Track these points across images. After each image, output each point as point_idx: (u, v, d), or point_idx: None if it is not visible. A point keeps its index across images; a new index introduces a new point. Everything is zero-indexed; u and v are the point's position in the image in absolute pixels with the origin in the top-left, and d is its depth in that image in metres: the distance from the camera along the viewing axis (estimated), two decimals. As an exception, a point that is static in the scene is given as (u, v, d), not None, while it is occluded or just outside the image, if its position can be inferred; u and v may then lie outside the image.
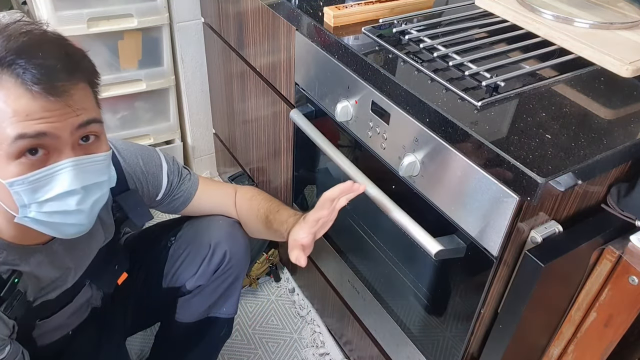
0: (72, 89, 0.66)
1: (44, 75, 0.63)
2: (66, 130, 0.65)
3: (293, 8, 1.05)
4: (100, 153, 0.71)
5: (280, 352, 1.42)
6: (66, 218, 0.70)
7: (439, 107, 0.76)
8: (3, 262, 0.75)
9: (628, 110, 0.80)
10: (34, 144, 0.64)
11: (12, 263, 0.76)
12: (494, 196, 0.72)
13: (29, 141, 0.64)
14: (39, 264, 0.79)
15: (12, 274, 0.76)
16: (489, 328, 0.87)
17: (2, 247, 0.75)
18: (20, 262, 0.77)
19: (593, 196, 0.80)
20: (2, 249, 0.75)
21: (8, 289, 0.75)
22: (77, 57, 0.68)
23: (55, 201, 0.68)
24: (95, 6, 1.42)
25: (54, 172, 0.66)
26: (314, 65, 1.05)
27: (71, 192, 0.68)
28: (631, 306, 0.75)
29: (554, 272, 0.74)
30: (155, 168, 0.97)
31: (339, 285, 1.29)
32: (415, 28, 0.95)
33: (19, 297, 0.77)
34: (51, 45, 0.66)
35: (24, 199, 0.67)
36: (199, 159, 1.92)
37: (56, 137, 0.65)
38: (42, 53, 0.64)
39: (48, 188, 0.67)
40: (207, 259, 1.03)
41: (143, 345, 1.39)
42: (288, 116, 1.16)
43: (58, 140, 0.65)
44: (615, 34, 0.90)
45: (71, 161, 0.67)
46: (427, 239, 0.82)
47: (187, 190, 1.02)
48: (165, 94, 1.69)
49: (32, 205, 0.68)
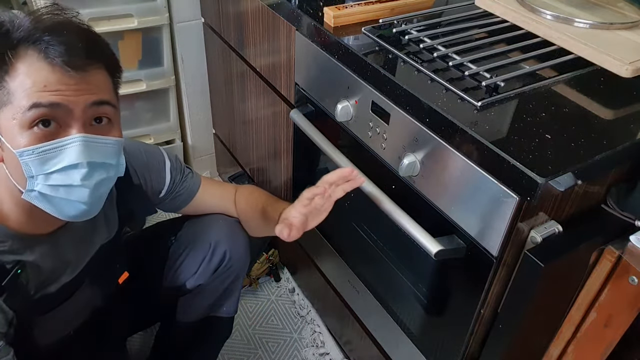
0: (91, 69, 0.69)
1: (66, 50, 0.66)
2: (79, 105, 0.68)
3: (293, 8, 1.06)
4: (111, 137, 0.73)
5: (280, 352, 1.42)
6: (70, 193, 0.71)
7: (439, 107, 0.76)
8: (8, 250, 0.75)
9: (628, 110, 0.80)
10: (46, 114, 0.67)
11: (17, 252, 0.76)
12: (494, 196, 0.72)
13: (42, 110, 0.66)
14: (42, 254, 0.80)
15: (16, 264, 0.76)
16: (489, 328, 0.87)
17: (7, 236, 0.75)
18: (24, 251, 0.77)
19: (593, 196, 0.80)
20: (7, 238, 0.75)
21: (10, 278, 0.75)
22: (99, 42, 0.73)
23: (61, 174, 0.69)
24: (95, 6, 1.42)
25: (63, 145, 0.68)
26: (314, 65, 1.05)
27: (77, 166, 0.69)
28: (631, 306, 0.75)
29: (554, 272, 0.74)
30: (159, 164, 0.97)
31: (339, 285, 1.29)
32: (415, 28, 0.95)
33: (20, 288, 0.77)
34: (76, 28, 0.71)
35: (32, 169, 0.68)
36: (199, 159, 1.92)
37: (69, 111, 0.68)
38: (66, 32, 0.68)
39: (56, 161, 0.69)
40: (208, 258, 1.03)
41: (143, 345, 1.39)
42: (288, 116, 1.16)
43: (70, 114, 0.68)
44: (615, 34, 0.90)
45: (81, 136, 0.69)
46: (427, 239, 0.82)
47: (189, 188, 1.02)
48: (165, 94, 1.69)
49: (39, 177, 0.69)
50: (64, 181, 0.70)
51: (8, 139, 0.68)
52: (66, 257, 0.85)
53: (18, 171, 0.70)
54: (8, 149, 0.69)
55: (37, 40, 0.66)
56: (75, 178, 0.70)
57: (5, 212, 0.76)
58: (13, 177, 0.72)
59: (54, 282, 0.84)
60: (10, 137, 0.68)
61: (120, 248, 0.99)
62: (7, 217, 0.76)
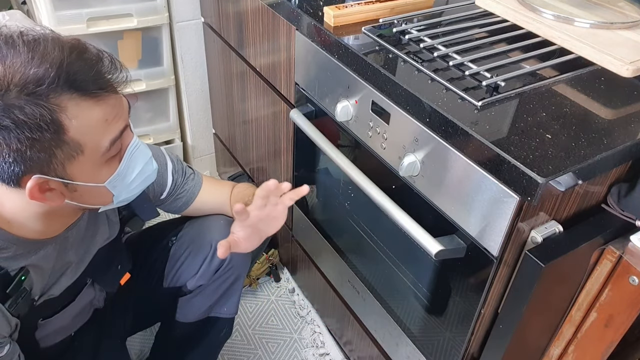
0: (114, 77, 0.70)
1: (97, 77, 0.66)
2: (127, 116, 0.73)
3: (293, 8, 1.05)
4: None
5: (280, 352, 1.42)
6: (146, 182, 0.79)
7: (439, 107, 0.76)
8: (12, 256, 0.75)
9: (628, 110, 0.80)
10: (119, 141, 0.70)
11: (20, 257, 0.76)
12: (494, 196, 0.72)
13: (118, 142, 0.70)
14: (45, 256, 0.80)
15: (20, 271, 0.76)
16: (489, 328, 0.87)
17: (11, 242, 0.74)
18: (28, 255, 0.77)
19: (593, 196, 0.80)
20: (11, 244, 0.74)
21: (14, 286, 0.75)
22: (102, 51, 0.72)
23: (140, 174, 0.76)
24: (95, 6, 1.42)
25: (132, 153, 0.74)
26: (314, 65, 1.05)
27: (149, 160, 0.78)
28: (631, 306, 0.74)
29: (555, 272, 0.74)
30: (161, 166, 0.97)
31: (339, 285, 1.29)
32: (416, 28, 0.95)
33: (24, 294, 0.77)
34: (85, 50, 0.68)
35: (120, 188, 0.74)
36: (199, 159, 1.92)
37: (127, 126, 0.72)
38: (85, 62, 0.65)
39: (133, 167, 0.75)
40: (208, 258, 1.03)
41: (143, 345, 1.39)
42: (288, 116, 1.16)
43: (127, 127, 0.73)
44: (616, 33, 0.90)
45: (136, 138, 0.75)
46: (427, 239, 0.82)
47: (190, 190, 1.02)
48: (165, 94, 1.69)
49: (125, 188, 0.75)
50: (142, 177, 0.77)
51: (86, 179, 0.69)
52: (68, 258, 0.85)
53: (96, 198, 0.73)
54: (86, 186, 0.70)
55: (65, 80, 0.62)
56: (150, 168, 0.78)
57: (9, 220, 0.74)
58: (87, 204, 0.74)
59: (56, 284, 0.84)
60: (90, 177, 0.69)
61: (121, 249, 0.99)
62: (10, 224, 0.74)
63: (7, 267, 0.74)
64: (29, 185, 0.65)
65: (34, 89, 0.60)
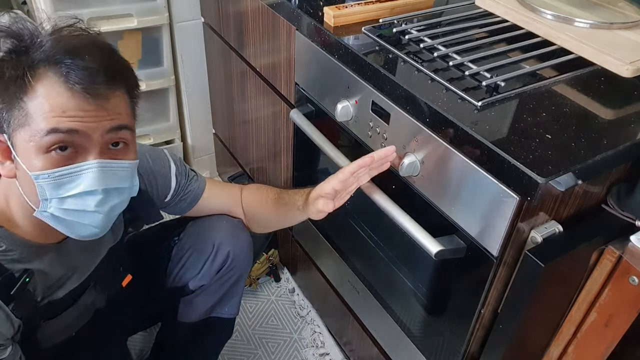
0: (110, 94, 0.69)
1: (86, 76, 0.66)
2: (97, 131, 0.68)
3: (293, 8, 1.05)
4: (126, 160, 0.73)
5: (280, 352, 1.42)
6: (83, 218, 0.72)
7: (439, 107, 0.76)
8: (17, 259, 0.75)
9: (628, 110, 0.80)
10: (64, 140, 0.66)
11: (25, 260, 0.76)
12: (494, 196, 0.72)
13: (60, 136, 0.66)
14: (51, 261, 0.80)
15: (24, 272, 0.76)
16: (489, 328, 0.87)
17: (16, 244, 0.75)
18: (33, 258, 0.77)
19: (593, 196, 0.80)
20: (16, 246, 0.75)
21: (18, 288, 0.75)
22: (120, 65, 0.72)
23: (75, 199, 0.70)
24: (95, 6, 1.42)
25: (79, 171, 0.68)
26: (314, 65, 1.05)
27: (92, 192, 0.70)
28: (631, 306, 0.74)
29: (554, 272, 0.74)
30: (164, 169, 0.97)
31: (339, 285, 1.29)
32: (416, 28, 0.95)
33: (28, 295, 0.77)
34: (98, 51, 0.69)
35: (47, 193, 0.69)
36: (199, 159, 1.92)
37: (87, 137, 0.67)
38: (88, 56, 0.67)
39: (71, 186, 0.69)
40: (211, 259, 1.03)
41: (143, 345, 1.39)
42: (288, 116, 1.16)
43: (88, 140, 0.68)
44: (616, 33, 0.90)
45: (97, 162, 0.69)
46: (427, 239, 0.82)
47: (194, 192, 1.02)
48: (165, 94, 1.69)
49: (53, 200, 0.69)
50: (78, 206, 0.70)
51: (24, 160, 0.68)
52: (73, 264, 0.85)
53: (32, 191, 0.69)
54: (23, 168, 0.68)
55: (58, 62, 0.65)
56: (90, 204, 0.70)
57: (15, 221, 0.75)
58: (26, 195, 0.72)
59: (61, 288, 0.84)
60: (26, 158, 0.68)
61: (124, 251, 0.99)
62: (17, 226, 0.75)
63: (11, 269, 0.74)
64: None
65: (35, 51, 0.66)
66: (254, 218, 1.06)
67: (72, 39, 0.68)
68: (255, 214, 1.06)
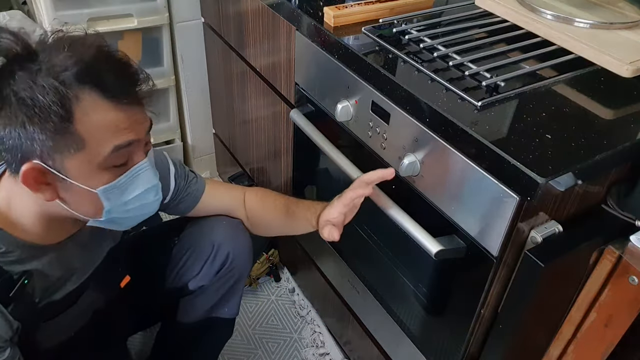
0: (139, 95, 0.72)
1: (120, 86, 0.68)
2: (143, 133, 0.73)
3: (293, 8, 1.05)
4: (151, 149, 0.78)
5: (280, 352, 1.42)
6: (143, 210, 0.78)
7: (439, 107, 0.76)
8: (16, 260, 0.75)
9: (628, 110, 0.80)
10: (126, 153, 0.71)
11: (24, 261, 0.76)
12: (494, 196, 0.72)
13: (122, 151, 0.70)
14: (50, 262, 0.80)
15: (23, 274, 0.76)
16: (489, 328, 0.87)
17: (15, 246, 0.75)
18: (32, 259, 0.77)
19: (593, 196, 0.80)
20: (15, 247, 0.75)
21: (17, 289, 0.75)
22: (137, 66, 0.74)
23: (138, 198, 0.75)
24: (95, 6, 1.42)
25: (136, 173, 0.73)
26: (314, 65, 1.05)
27: (152, 187, 0.76)
28: (631, 306, 0.75)
29: (554, 272, 0.74)
30: (164, 171, 0.97)
31: (339, 285, 1.29)
32: (415, 28, 0.95)
33: (26, 297, 0.77)
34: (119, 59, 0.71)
35: (113, 202, 0.73)
36: (199, 159, 1.92)
37: (139, 141, 0.72)
38: (108, 63, 0.69)
39: (132, 187, 0.74)
40: (210, 259, 1.03)
41: (143, 345, 1.38)
42: (288, 116, 1.16)
43: (139, 143, 0.72)
44: (615, 34, 0.90)
45: (147, 161, 0.74)
46: (427, 239, 0.82)
47: (193, 194, 1.02)
48: (165, 94, 1.69)
49: (118, 206, 0.74)
50: (140, 202, 0.75)
51: (81, 180, 0.69)
52: (73, 265, 0.85)
53: (90, 205, 0.72)
54: (79, 187, 0.69)
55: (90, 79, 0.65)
56: (150, 197, 0.76)
57: (16, 223, 0.75)
58: (76, 210, 0.73)
59: (60, 289, 0.84)
60: (85, 178, 0.69)
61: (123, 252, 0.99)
62: (17, 228, 0.75)
63: (10, 271, 0.74)
64: (24, 168, 0.67)
65: (60, 72, 0.64)
66: (257, 222, 1.06)
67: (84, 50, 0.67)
68: (260, 219, 1.06)
